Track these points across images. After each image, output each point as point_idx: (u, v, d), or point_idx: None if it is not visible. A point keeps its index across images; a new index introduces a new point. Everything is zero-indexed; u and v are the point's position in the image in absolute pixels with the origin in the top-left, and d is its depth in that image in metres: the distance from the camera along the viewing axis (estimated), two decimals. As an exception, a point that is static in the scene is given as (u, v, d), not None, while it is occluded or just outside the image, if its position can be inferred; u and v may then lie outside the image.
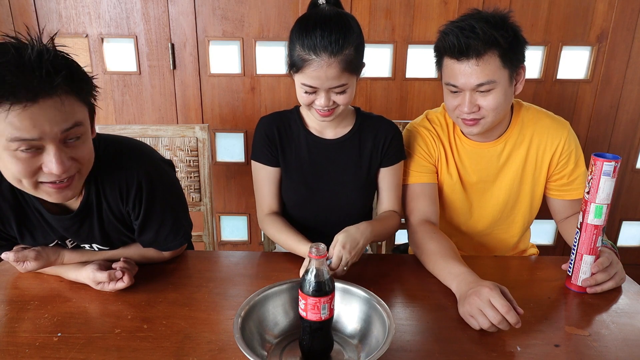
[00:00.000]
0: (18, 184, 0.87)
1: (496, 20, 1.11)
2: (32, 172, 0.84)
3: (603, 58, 2.13)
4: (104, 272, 1.01)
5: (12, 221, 1.01)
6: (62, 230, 1.04)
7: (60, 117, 0.82)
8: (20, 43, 0.80)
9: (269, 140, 1.25)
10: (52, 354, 0.84)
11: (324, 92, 1.09)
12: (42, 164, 0.84)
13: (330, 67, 1.05)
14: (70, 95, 0.83)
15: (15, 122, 0.78)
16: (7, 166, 0.84)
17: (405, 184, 1.31)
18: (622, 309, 1.01)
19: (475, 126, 1.19)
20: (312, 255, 0.79)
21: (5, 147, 0.81)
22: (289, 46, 1.11)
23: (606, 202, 0.99)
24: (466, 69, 1.12)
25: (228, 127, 2.23)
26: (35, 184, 0.87)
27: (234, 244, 2.45)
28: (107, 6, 2.05)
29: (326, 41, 1.04)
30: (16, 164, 0.83)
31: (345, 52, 1.06)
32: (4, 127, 0.79)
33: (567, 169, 1.28)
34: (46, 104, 0.80)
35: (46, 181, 0.87)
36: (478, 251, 1.41)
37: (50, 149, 0.83)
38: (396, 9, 2.06)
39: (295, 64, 1.10)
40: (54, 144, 0.83)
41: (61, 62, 0.82)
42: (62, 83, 0.81)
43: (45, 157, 0.83)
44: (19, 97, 0.77)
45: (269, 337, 0.89)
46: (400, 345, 0.88)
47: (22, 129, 0.79)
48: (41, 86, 0.79)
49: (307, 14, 1.12)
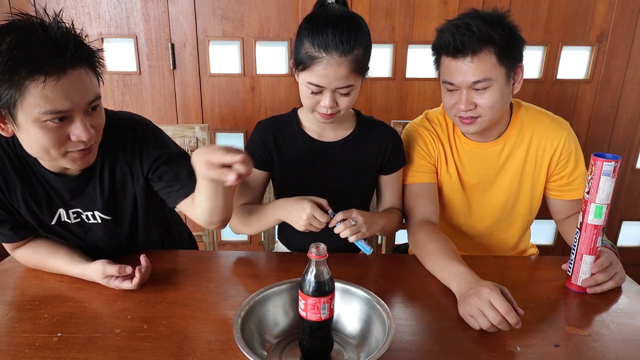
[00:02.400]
0: (44, 154, 0.92)
1: (492, 19, 1.11)
2: (61, 142, 0.91)
3: (603, 58, 2.13)
4: (115, 266, 1.01)
5: (17, 189, 1.04)
6: (67, 193, 1.06)
7: (85, 88, 0.89)
8: (43, 21, 0.87)
9: (262, 145, 1.24)
10: (52, 354, 0.84)
11: (329, 93, 1.08)
12: (70, 133, 0.91)
13: (339, 67, 1.05)
14: (90, 68, 0.91)
15: (49, 95, 0.84)
16: (35, 138, 0.89)
17: (404, 184, 1.31)
18: (622, 309, 1.01)
19: (472, 125, 1.19)
20: (312, 255, 0.79)
21: (36, 120, 0.86)
22: (296, 43, 1.10)
23: (606, 202, 0.99)
24: (462, 67, 1.12)
25: (228, 127, 2.23)
26: (64, 153, 0.93)
27: (234, 244, 2.45)
28: (107, 6, 2.05)
29: (338, 40, 1.03)
30: (46, 135, 0.88)
31: (355, 52, 1.05)
32: (38, 100, 0.84)
33: (566, 169, 1.28)
34: (74, 75, 0.87)
35: (73, 150, 0.93)
36: (478, 251, 1.41)
37: (78, 119, 0.90)
38: (396, 9, 2.06)
39: (302, 61, 1.08)
40: (80, 114, 0.90)
41: (81, 39, 0.90)
42: (85, 56, 0.89)
43: (72, 127, 0.90)
44: (50, 71, 0.83)
45: (269, 337, 0.89)
46: (400, 345, 0.88)
47: (55, 101, 0.85)
48: (69, 59, 0.85)
49: (316, 11, 1.10)
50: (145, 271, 1.04)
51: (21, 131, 0.89)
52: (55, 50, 0.84)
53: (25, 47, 0.83)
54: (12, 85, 0.83)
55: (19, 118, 0.87)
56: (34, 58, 0.83)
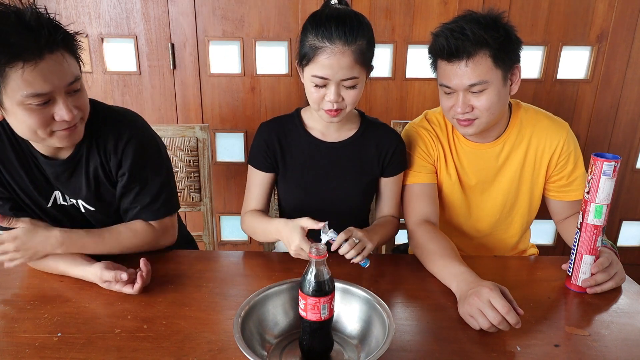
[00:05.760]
0: (32, 135, 0.97)
1: (487, 21, 1.11)
2: (47, 123, 0.95)
3: (603, 58, 2.13)
4: (111, 271, 1.02)
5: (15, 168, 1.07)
6: (54, 178, 1.10)
7: (63, 71, 0.94)
8: (17, 8, 0.90)
9: (267, 147, 1.25)
10: (52, 354, 0.84)
11: (334, 86, 1.09)
12: (54, 114, 0.95)
13: (343, 56, 1.06)
14: (67, 51, 0.95)
15: (29, 79, 0.89)
16: (22, 120, 0.94)
17: (404, 184, 1.31)
18: (622, 309, 1.01)
19: (469, 127, 1.19)
20: (312, 255, 0.79)
21: (20, 103, 0.91)
22: (301, 40, 1.12)
23: (606, 202, 0.99)
24: (457, 70, 1.12)
25: (228, 127, 2.23)
26: (50, 132, 0.97)
27: (234, 244, 2.45)
28: (107, 6, 2.05)
29: (341, 31, 1.05)
30: (31, 117, 0.93)
31: (359, 43, 1.07)
32: (19, 85, 0.89)
33: (566, 170, 1.28)
34: (51, 59, 0.91)
35: (59, 129, 0.98)
36: (478, 251, 1.41)
37: (60, 100, 0.95)
38: (396, 9, 2.06)
39: (306, 55, 1.09)
40: (61, 95, 0.95)
41: (55, 23, 0.94)
42: (60, 40, 0.92)
43: (55, 108, 0.95)
44: (27, 57, 0.87)
45: (269, 337, 0.89)
46: (400, 345, 0.88)
47: (35, 85, 0.90)
48: (45, 44, 0.89)
49: (320, 10, 1.13)
50: (147, 275, 1.04)
51: (9, 115, 0.95)
52: (30, 36, 0.88)
53: (1, 36, 0.86)
54: None
55: (5, 103, 0.92)
56: (10, 45, 0.87)
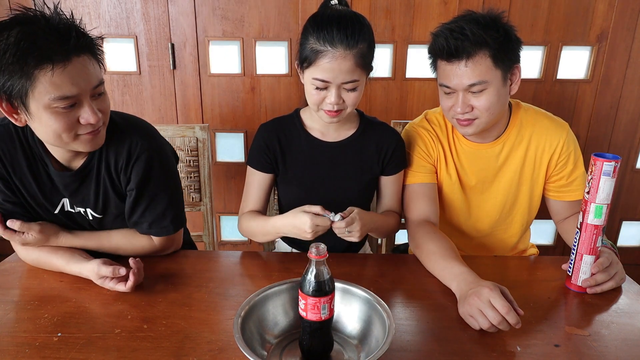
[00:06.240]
0: (57, 139, 0.97)
1: (487, 21, 1.11)
2: (72, 126, 0.95)
3: (603, 58, 2.13)
4: (109, 267, 1.02)
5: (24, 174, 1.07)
6: (63, 187, 1.09)
7: (89, 74, 0.94)
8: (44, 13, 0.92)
9: (267, 148, 1.25)
10: (52, 354, 0.84)
11: (334, 89, 1.09)
12: (80, 117, 0.96)
13: (345, 60, 1.06)
14: (91, 55, 0.96)
15: (57, 82, 0.89)
16: (47, 124, 0.94)
17: (404, 184, 1.31)
18: (622, 309, 1.01)
19: (469, 126, 1.19)
20: (312, 255, 0.79)
21: (47, 106, 0.91)
22: (301, 41, 1.12)
23: (606, 202, 0.99)
24: (457, 70, 1.13)
25: (228, 127, 2.23)
26: (75, 136, 0.98)
27: (234, 244, 2.45)
28: (107, 6, 2.05)
29: (342, 34, 1.05)
30: (57, 121, 0.93)
31: (360, 46, 1.07)
32: (47, 88, 0.89)
33: (565, 170, 1.28)
34: (78, 62, 0.92)
35: (83, 132, 0.98)
36: (478, 251, 1.41)
37: (86, 103, 0.95)
38: (396, 9, 2.06)
39: (307, 57, 1.09)
40: (87, 98, 0.95)
41: (81, 28, 0.95)
42: (87, 44, 0.94)
43: (81, 111, 0.95)
44: (56, 59, 0.88)
45: (269, 337, 0.89)
46: (400, 345, 0.88)
47: (63, 88, 0.90)
48: (73, 48, 0.91)
49: (320, 11, 1.12)
50: (138, 273, 1.04)
51: (34, 119, 0.94)
52: (59, 40, 0.89)
53: (31, 39, 0.87)
54: (22, 76, 0.88)
55: (31, 107, 0.92)
56: (41, 48, 0.87)
